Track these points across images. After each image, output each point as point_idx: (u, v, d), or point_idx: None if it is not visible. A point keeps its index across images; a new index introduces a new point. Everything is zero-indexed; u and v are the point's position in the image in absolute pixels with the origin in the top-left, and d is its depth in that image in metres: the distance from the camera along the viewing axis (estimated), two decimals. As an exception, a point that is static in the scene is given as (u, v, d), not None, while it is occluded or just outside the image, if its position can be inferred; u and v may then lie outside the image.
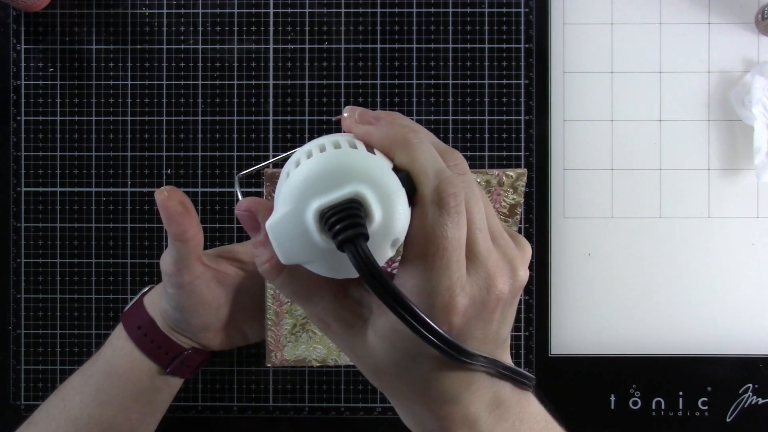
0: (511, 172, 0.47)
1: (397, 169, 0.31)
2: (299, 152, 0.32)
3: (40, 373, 0.64)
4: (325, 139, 0.32)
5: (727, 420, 0.63)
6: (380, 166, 0.30)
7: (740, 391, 0.64)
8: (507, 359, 0.34)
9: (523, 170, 0.47)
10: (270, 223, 0.30)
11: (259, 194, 0.64)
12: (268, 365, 0.52)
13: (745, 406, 0.64)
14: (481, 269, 0.30)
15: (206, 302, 0.49)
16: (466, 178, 0.31)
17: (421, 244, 0.30)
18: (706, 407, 0.64)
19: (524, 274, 0.32)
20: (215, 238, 0.64)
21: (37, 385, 0.64)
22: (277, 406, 0.64)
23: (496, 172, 0.47)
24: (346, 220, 0.29)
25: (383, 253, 0.30)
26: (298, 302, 0.33)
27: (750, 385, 0.63)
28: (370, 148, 0.32)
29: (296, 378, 0.64)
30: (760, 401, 0.64)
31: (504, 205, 0.48)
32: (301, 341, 0.51)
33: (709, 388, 0.64)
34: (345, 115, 0.33)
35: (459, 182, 0.30)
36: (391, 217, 0.30)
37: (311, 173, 0.30)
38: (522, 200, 0.49)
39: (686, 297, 0.64)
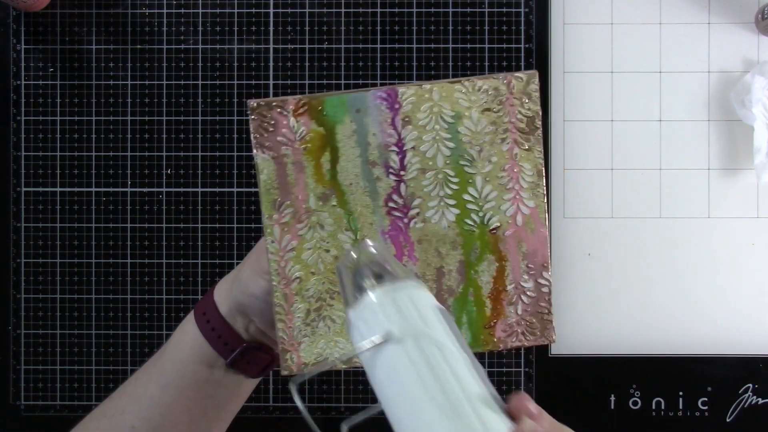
0: (520, 74, 0.42)
1: None
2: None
3: (40, 373, 0.64)
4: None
5: (727, 420, 0.63)
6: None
7: (740, 391, 0.64)
8: None
9: (533, 71, 0.42)
10: None
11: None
12: (285, 373, 0.45)
13: (745, 406, 0.64)
14: None
15: None
16: None
17: None
18: (706, 407, 0.64)
19: None
20: (215, 238, 0.64)
21: (37, 385, 0.64)
22: (277, 406, 0.64)
23: (502, 75, 0.42)
24: None
25: None
26: None
27: (750, 385, 0.63)
28: None
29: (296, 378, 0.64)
30: (760, 401, 0.64)
31: (520, 118, 0.42)
32: (319, 334, 0.44)
33: (709, 388, 0.64)
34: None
35: None
36: None
37: None
38: (539, 110, 0.42)
39: (686, 297, 0.64)
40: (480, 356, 0.38)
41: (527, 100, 0.42)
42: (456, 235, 0.44)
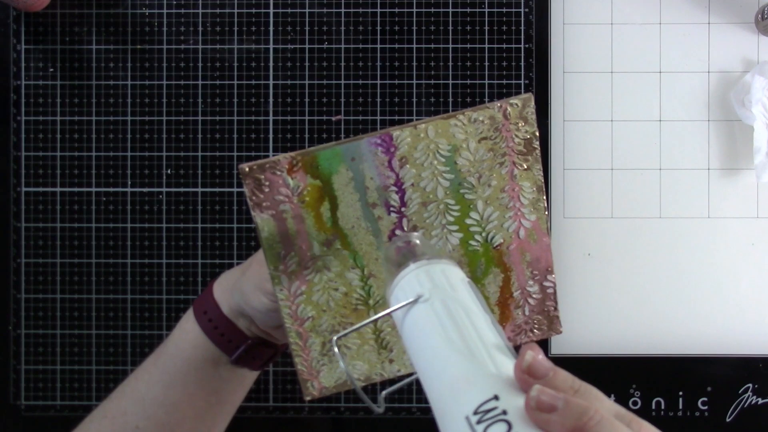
0: (515, 101, 0.42)
1: None
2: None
3: (40, 373, 0.64)
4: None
5: (727, 420, 0.63)
6: None
7: (740, 391, 0.64)
8: None
9: (528, 95, 0.42)
10: None
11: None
12: (308, 399, 0.46)
13: (745, 406, 0.64)
14: None
15: None
16: None
17: None
18: (706, 407, 0.64)
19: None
20: (215, 238, 0.64)
21: (37, 385, 0.64)
22: (277, 406, 0.64)
23: (498, 104, 0.42)
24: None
25: None
26: None
27: (750, 385, 0.63)
28: None
29: (296, 378, 0.64)
30: (760, 401, 0.64)
31: (518, 141, 0.43)
32: (337, 361, 0.46)
33: (709, 388, 0.64)
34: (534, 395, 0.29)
35: None
36: None
37: None
38: (536, 131, 0.43)
39: (686, 297, 0.64)
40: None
41: (523, 124, 0.43)
42: (461, 256, 0.45)
